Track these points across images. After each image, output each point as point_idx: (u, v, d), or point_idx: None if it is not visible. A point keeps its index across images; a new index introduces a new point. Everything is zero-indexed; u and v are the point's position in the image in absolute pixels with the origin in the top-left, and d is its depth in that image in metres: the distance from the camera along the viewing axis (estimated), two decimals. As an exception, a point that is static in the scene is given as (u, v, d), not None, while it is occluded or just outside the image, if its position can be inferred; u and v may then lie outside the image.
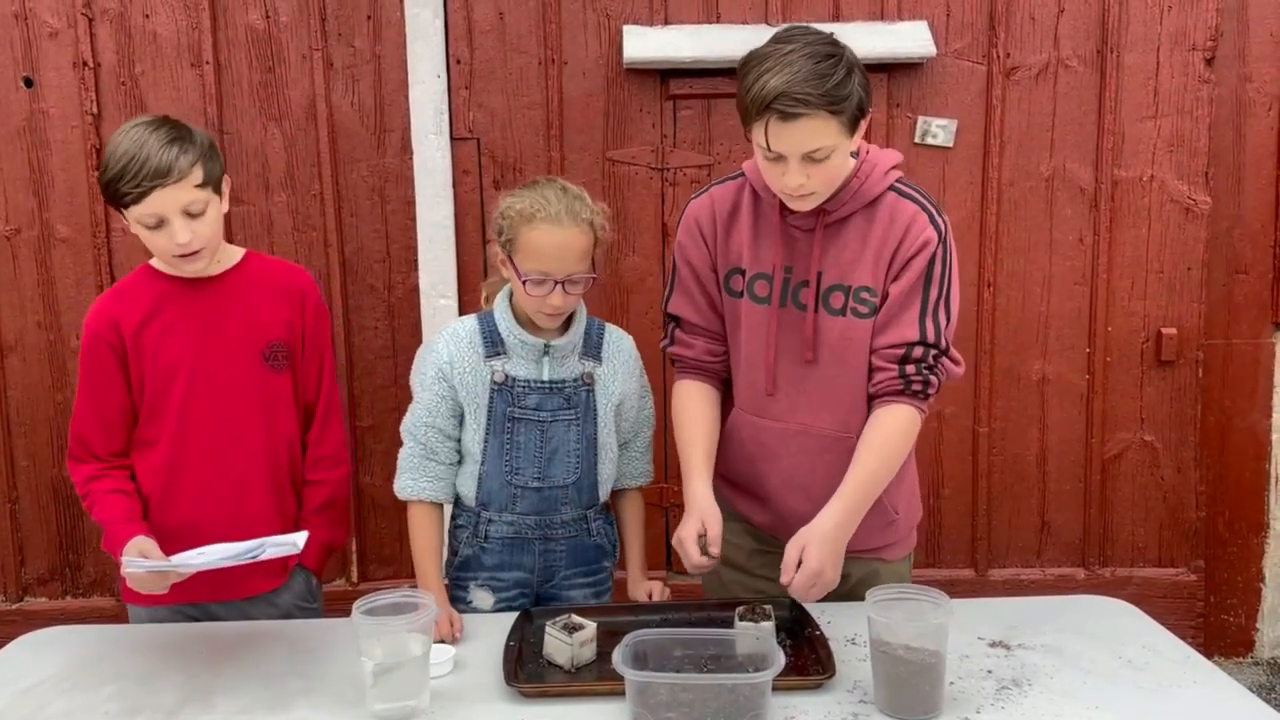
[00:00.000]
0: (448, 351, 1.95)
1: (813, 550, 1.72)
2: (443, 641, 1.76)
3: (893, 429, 1.80)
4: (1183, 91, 3.14)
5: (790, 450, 1.90)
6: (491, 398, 1.94)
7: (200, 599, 1.98)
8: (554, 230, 1.85)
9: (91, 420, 1.93)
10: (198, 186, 1.83)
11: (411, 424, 1.99)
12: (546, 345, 1.94)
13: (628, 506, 2.12)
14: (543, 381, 1.95)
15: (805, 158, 1.69)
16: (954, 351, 1.83)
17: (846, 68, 1.67)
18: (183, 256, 1.87)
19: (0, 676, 1.75)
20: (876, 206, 1.82)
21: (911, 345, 1.79)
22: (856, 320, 1.82)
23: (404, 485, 1.99)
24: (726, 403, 2.01)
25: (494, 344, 1.95)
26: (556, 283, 1.86)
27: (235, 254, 2.02)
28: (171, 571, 1.74)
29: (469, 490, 2.00)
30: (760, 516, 1.99)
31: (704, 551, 1.80)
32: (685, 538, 1.80)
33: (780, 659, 1.50)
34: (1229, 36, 3.15)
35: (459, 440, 1.99)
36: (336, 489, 2.08)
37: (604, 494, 2.05)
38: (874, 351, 1.82)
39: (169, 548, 1.82)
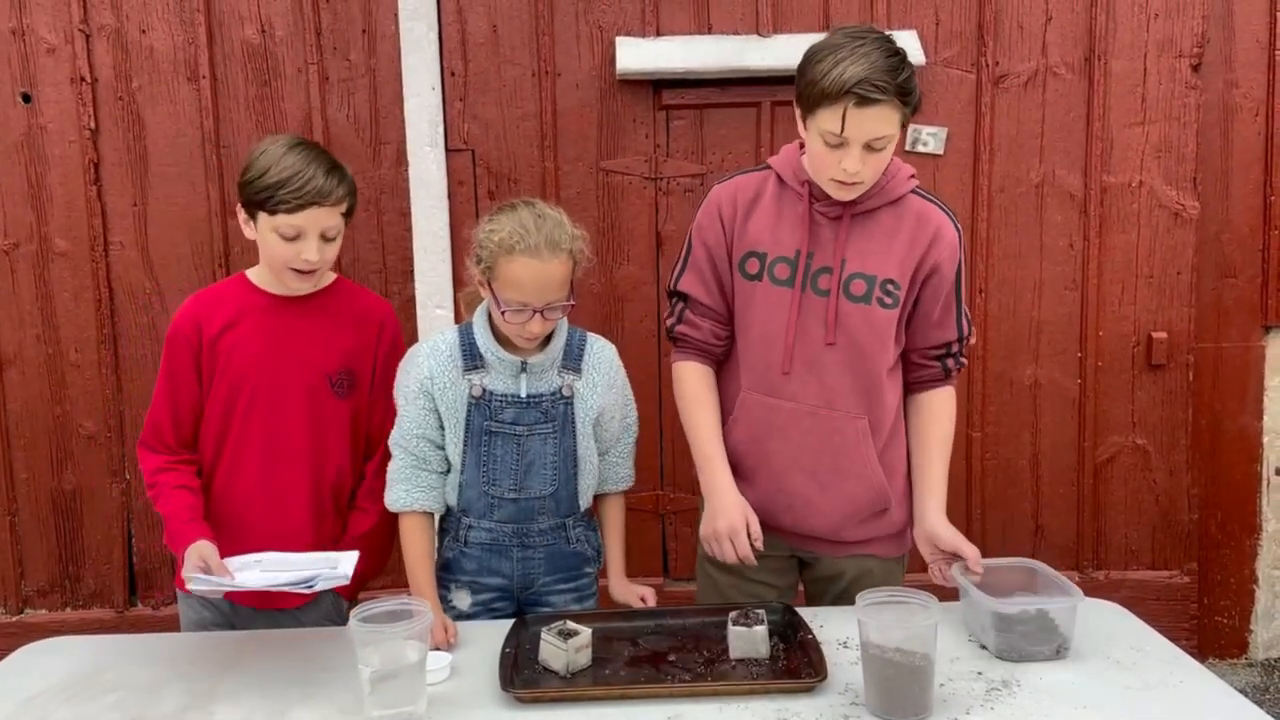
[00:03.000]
0: (428, 366, 1.97)
1: (945, 533, 1.93)
2: (438, 649, 1.78)
3: (945, 413, 2.02)
4: (1170, 98, 3.17)
5: (801, 429, 1.95)
6: (469, 411, 1.96)
7: (239, 600, 2.04)
8: (533, 263, 1.85)
9: (166, 410, 2.01)
10: (342, 215, 1.97)
11: (400, 436, 2.00)
12: (523, 362, 1.96)
13: (609, 511, 2.13)
14: (520, 397, 1.96)
15: (867, 145, 1.79)
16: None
17: (910, 68, 1.80)
18: (299, 274, 1.96)
19: (1, 688, 1.76)
20: (902, 206, 1.94)
21: (951, 343, 2.00)
22: (880, 310, 1.92)
23: (396, 497, 2.00)
24: (725, 385, 2.06)
25: (472, 358, 1.97)
26: (535, 311, 1.88)
27: (327, 277, 2.09)
28: (229, 585, 1.79)
29: (451, 496, 2.02)
30: (750, 499, 2.00)
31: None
32: (737, 528, 1.90)
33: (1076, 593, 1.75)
34: (1215, 43, 3.18)
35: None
36: (382, 521, 2.09)
37: (584, 503, 2.06)
38: (916, 351, 1.99)
39: (219, 543, 1.88)
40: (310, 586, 1.74)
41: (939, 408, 2.02)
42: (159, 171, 3.15)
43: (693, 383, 2.04)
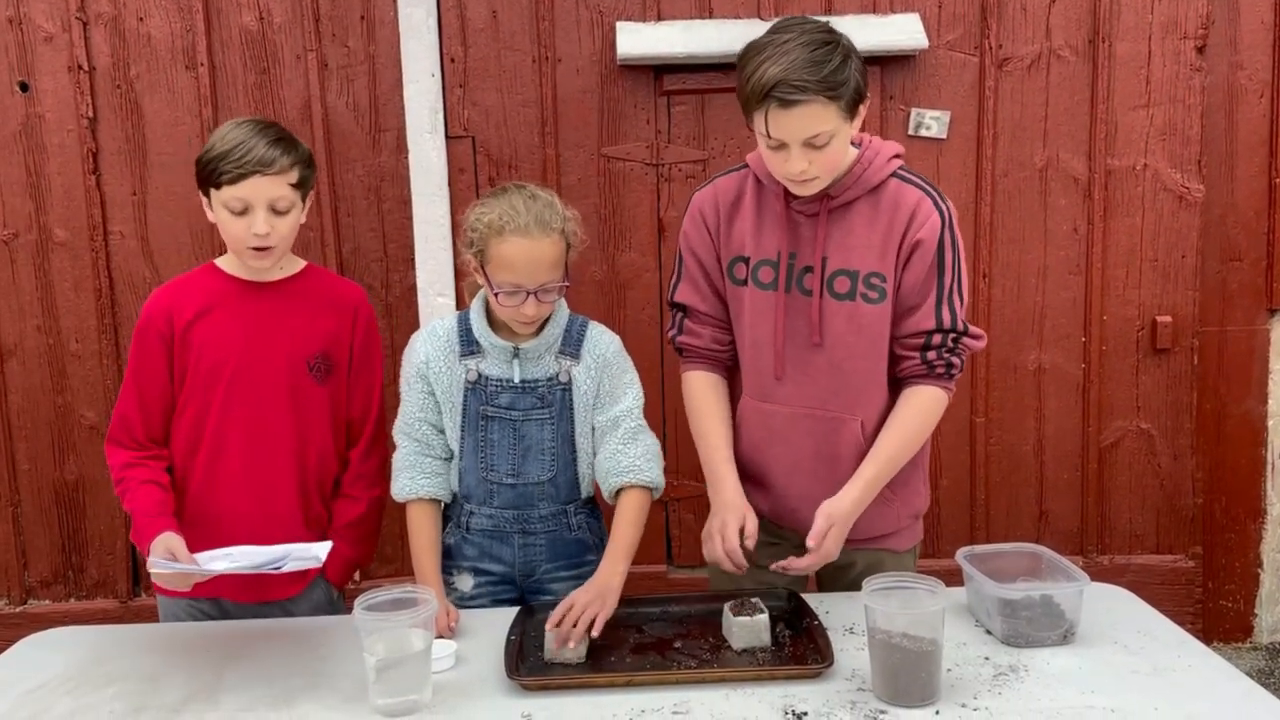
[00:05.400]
0: (425, 351, 1.98)
1: (836, 530, 1.81)
2: (441, 636, 1.77)
3: (916, 410, 1.88)
4: (1175, 80, 3.15)
5: (798, 433, 1.92)
6: (466, 396, 1.96)
7: (223, 595, 2.01)
8: (524, 242, 1.85)
9: (135, 404, 1.97)
10: (291, 186, 1.92)
11: (404, 424, 2.00)
12: (516, 348, 1.96)
13: (621, 505, 1.98)
14: (514, 381, 1.96)
15: (806, 144, 1.73)
16: (972, 329, 1.90)
17: (843, 54, 1.72)
18: (253, 251, 1.92)
19: (5, 678, 1.76)
20: (880, 193, 1.86)
21: (931, 333, 1.86)
22: (866, 305, 1.86)
23: (402, 486, 2.00)
24: (733, 391, 2.03)
25: (469, 343, 1.97)
26: (529, 293, 1.87)
27: (296, 264, 2.07)
28: (196, 572, 1.76)
29: (452, 483, 2.02)
30: (763, 504, 2.01)
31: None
32: (727, 522, 1.84)
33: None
34: (1220, 24, 3.16)
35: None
36: (370, 508, 2.09)
37: (585, 490, 2.05)
38: (896, 340, 1.88)
39: (199, 539, 1.85)
40: (278, 567, 1.72)
41: (909, 403, 1.88)
42: (158, 160, 3.13)
43: (698, 393, 2.00)
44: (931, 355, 1.87)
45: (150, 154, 3.13)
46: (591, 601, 1.75)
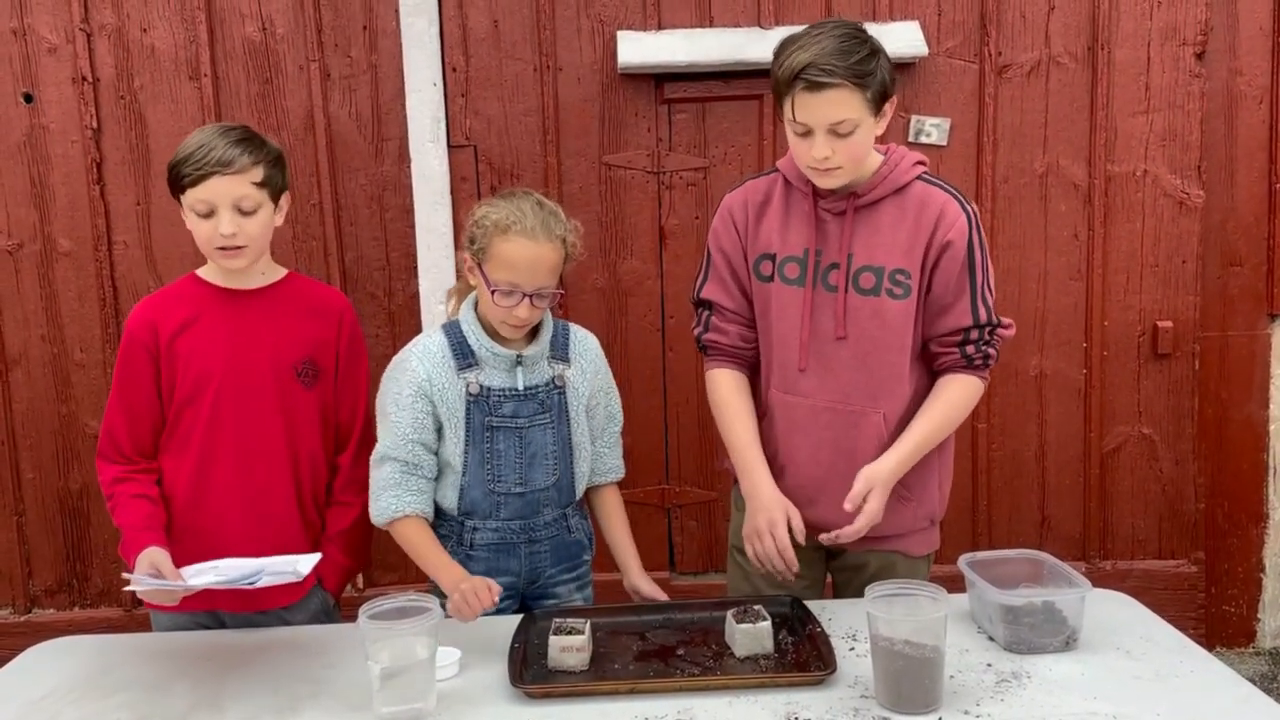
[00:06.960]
0: (424, 369, 1.95)
1: (876, 492, 1.85)
2: (486, 611, 1.78)
3: (956, 395, 1.94)
4: (1174, 86, 3.15)
5: (819, 425, 1.95)
6: (468, 409, 1.95)
7: (217, 607, 2.00)
8: (528, 244, 1.87)
9: (121, 419, 1.98)
10: (255, 185, 1.91)
11: (392, 445, 1.94)
12: (518, 356, 1.96)
13: (609, 505, 2.13)
14: (517, 390, 1.97)
15: (831, 130, 1.79)
16: (1002, 319, 1.96)
17: (871, 49, 1.80)
18: (224, 251, 1.92)
19: (10, 688, 1.77)
20: (906, 194, 1.92)
21: (969, 329, 1.92)
22: (891, 300, 1.90)
23: (386, 505, 1.94)
24: (754, 390, 2.06)
25: (465, 356, 1.96)
26: (525, 295, 1.88)
27: (278, 272, 2.07)
28: (178, 588, 1.76)
29: (450, 501, 1.99)
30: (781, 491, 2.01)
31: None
32: (776, 520, 1.88)
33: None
34: (1219, 30, 3.17)
35: (437, 453, 2.00)
36: (364, 514, 2.06)
37: (580, 491, 2.08)
38: (933, 339, 1.94)
39: (194, 548, 1.86)
40: (253, 583, 1.71)
41: (947, 388, 1.94)
42: (161, 170, 3.09)
43: (725, 390, 2.03)
44: (970, 349, 1.93)
45: (154, 164, 3.14)
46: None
